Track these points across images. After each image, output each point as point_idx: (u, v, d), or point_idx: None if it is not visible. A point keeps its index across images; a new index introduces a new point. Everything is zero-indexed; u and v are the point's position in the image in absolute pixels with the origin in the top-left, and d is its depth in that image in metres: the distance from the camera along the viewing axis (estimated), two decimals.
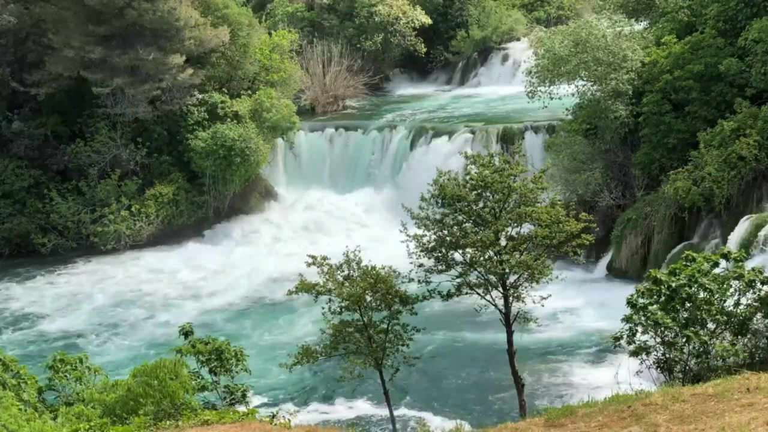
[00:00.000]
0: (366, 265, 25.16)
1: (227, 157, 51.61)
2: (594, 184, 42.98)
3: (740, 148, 37.19)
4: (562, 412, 17.12)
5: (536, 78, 44.84)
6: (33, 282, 48.15)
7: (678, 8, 44.20)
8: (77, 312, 43.82)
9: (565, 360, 34.40)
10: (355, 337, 24.88)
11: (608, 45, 42.82)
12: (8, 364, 23.24)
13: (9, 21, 51.27)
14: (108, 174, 51.61)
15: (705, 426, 14.59)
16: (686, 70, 40.58)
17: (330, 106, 63.80)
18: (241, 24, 54.96)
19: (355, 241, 30.43)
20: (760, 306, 21.76)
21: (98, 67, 50.84)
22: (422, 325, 25.58)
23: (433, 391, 32.83)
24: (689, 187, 37.91)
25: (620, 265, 41.36)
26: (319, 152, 57.30)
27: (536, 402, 27.99)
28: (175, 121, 53.33)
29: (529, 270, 24.49)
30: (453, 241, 24.86)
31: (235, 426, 18.55)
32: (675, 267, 22.24)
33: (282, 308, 42.08)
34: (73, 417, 21.36)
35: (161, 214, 51.52)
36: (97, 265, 49.75)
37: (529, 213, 24.78)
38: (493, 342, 34.75)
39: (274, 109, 53.85)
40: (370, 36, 68.40)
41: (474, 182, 24.91)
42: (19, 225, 51.24)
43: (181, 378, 21.98)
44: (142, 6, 49.44)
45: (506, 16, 72.12)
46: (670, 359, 21.58)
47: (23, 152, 52.43)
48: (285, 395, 33.36)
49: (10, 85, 52.15)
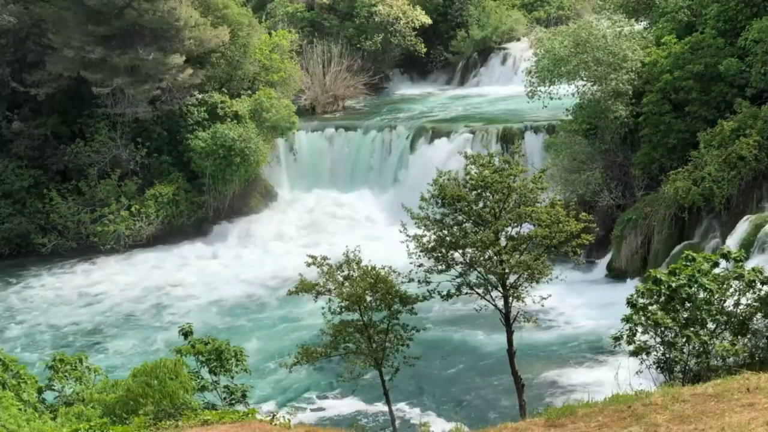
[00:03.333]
0: (366, 265, 25.13)
1: (227, 157, 51.61)
2: (594, 184, 42.97)
3: (740, 148, 37.19)
4: (562, 412, 17.10)
5: (536, 78, 44.83)
6: (32, 282, 48.13)
7: (678, 8, 44.20)
8: (77, 312, 43.82)
9: (566, 360, 34.40)
10: (355, 337, 24.87)
11: (608, 45, 42.82)
12: (8, 364, 23.22)
13: (9, 21, 51.24)
14: (108, 174, 51.60)
15: (705, 426, 14.58)
16: (686, 70, 40.60)
17: (330, 106, 63.74)
18: (241, 24, 54.95)
19: (355, 241, 30.38)
20: (760, 306, 21.76)
21: (98, 67, 50.81)
22: (422, 325, 25.57)
23: (434, 391, 32.84)
24: (689, 187, 37.91)
25: (620, 265, 41.34)
26: (319, 152, 57.28)
27: (536, 402, 27.95)
28: (175, 121, 53.32)
29: (529, 270, 24.45)
30: (453, 241, 24.81)
31: (235, 426, 18.52)
32: (675, 267, 22.23)
33: (282, 308, 42.11)
34: (73, 417, 21.34)
35: (161, 214, 51.50)
36: (96, 264, 49.73)
37: (528, 213, 24.73)
38: (492, 342, 34.80)
39: (274, 109, 53.82)
40: (370, 36, 68.39)
41: (474, 182, 24.87)
42: (19, 225, 51.22)
43: (180, 378, 21.97)
44: (142, 6, 49.42)
45: (506, 16, 72.14)
46: (670, 359, 21.56)
47: (23, 152, 52.41)
48: (285, 395, 33.36)
49: (10, 85, 52.12)
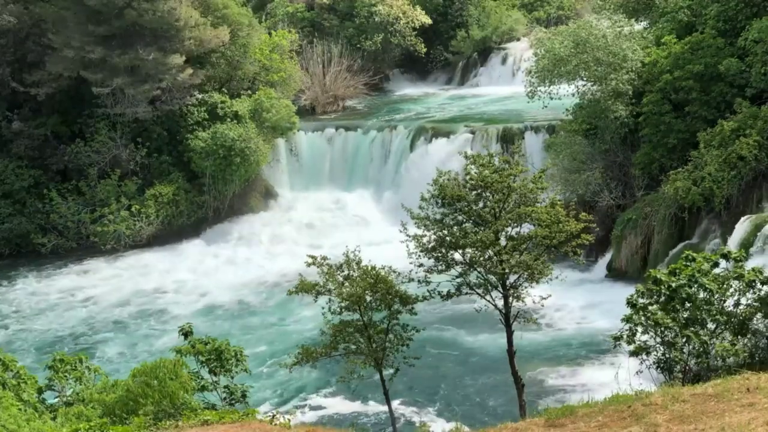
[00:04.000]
0: (366, 265, 25.11)
1: (227, 157, 51.62)
2: (594, 184, 42.98)
3: (740, 148, 37.18)
4: (562, 412, 17.10)
5: (536, 78, 44.84)
6: (31, 282, 48.12)
7: (678, 8, 44.21)
8: (76, 312, 43.80)
9: (565, 360, 34.40)
10: (355, 337, 24.85)
11: (608, 45, 42.82)
12: (8, 364, 23.22)
13: (9, 21, 51.28)
14: (108, 174, 51.62)
15: (705, 426, 14.58)
16: (686, 70, 40.60)
17: (330, 106, 63.79)
18: (241, 24, 54.96)
19: (355, 241, 30.40)
20: (760, 306, 21.75)
21: (98, 67, 50.83)
22: (422, 325, 25.56)
23: (434, 391, 32.84)
24: (689, 187, 37.91)
25: (620, 265, 41.34)
26: (319, 152, 57.28)
27: (536, 402, 27.95)
28: (175, 121, 53.33)
29: (529, 270, 24.44)
30: (453, 241, 24.79)
31: (235, 426, 18.53)
32: (675, 267, 22.22)
33: (282, 308, 42.11)
34: (72, 417, 21.33)
35: (161, 214, 51.51)
36: (96, 264, 49.74)
37: (528, 213, 24.71)
38: (492, 342, 34.79)
39: (274, 109, 53.84)
40: (370, 36, 68.39)
41: (474, 182, 24.85)
42: (19, 225, 51.25)
43: (180, 378, 21.95)
44: (142, 6, 49.42)
45: (506, 16, 72.16)
46: (670, 359, 21.56)
47: (23, 152, 52.44)
48: (285, 395, 33.36)
49: (10, 85, 52.16)
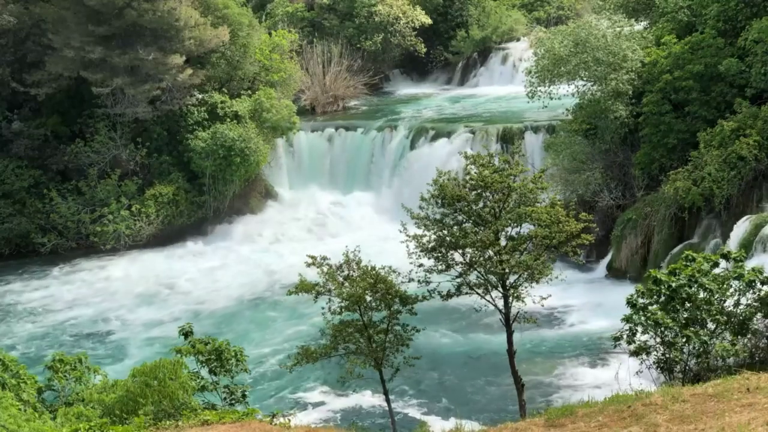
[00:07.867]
0: (366, 265, 25.11)
1: (227, 157, 51.63)
2: (594, 184, 42.98)
3: (740, 148, 37.17)
4: (562, 412, 17.10)
5: (536, 78, 44.84)
6: (31, 282, 48.12)
7: (678, 8, 44.18)
8: (75, 312, 43.81)
9: (565, 360, 34.40)
10: (355, 337, 24.85)
11: (608, 45, 42.81)
12: (8, 364, 23.21)
13: (9, 21, 51.27)
14: (108, 174, 51.62)
15: (705, 426, 14.57)
16: (686, 70, 40.59)
17: (330, 106, 63.79)
18: (241, 24, 54.95)
19: (355, 241, 30.38)
20: (760, 306, 21.77)
21: (98, 67, 50.83)
22: (422, 325, 25.56)
23: (434, 391, 32.84)
24: (689, 187, 37.90)
25: (620, 265, 41.34)
26: (319, 152, 57.30)
27: (536, 402, 27.95)
28: (175, 121, 53.33)
29: (529, 270, 24.43)
30: (453, 241, 24.79)
31: (235, 426, 18.53)
32: (675, 267, 22.24)
33: (282, 308, 42.10)
34: (72, 417, 21.32)
35: (161, 214, 51.53)
36: (96, 264, 49.73)
37: (528, 213, 24.71)
38: (492, 342, 34.79)
39: (274, 110, 53.85)
40: (370, 36, 68.39)
41: (474, 182, 24.86)
42: (19, 225, 51.23)
43: (180, 378, 21.94)
44: (142, 6, 49.41)
45: (506, 16, 72.14)
46: (670, 359, 21.56)
47: (23, 152, 52.41)
48: (285, 395, 33.35)
49: (10, 85, 52.16)
